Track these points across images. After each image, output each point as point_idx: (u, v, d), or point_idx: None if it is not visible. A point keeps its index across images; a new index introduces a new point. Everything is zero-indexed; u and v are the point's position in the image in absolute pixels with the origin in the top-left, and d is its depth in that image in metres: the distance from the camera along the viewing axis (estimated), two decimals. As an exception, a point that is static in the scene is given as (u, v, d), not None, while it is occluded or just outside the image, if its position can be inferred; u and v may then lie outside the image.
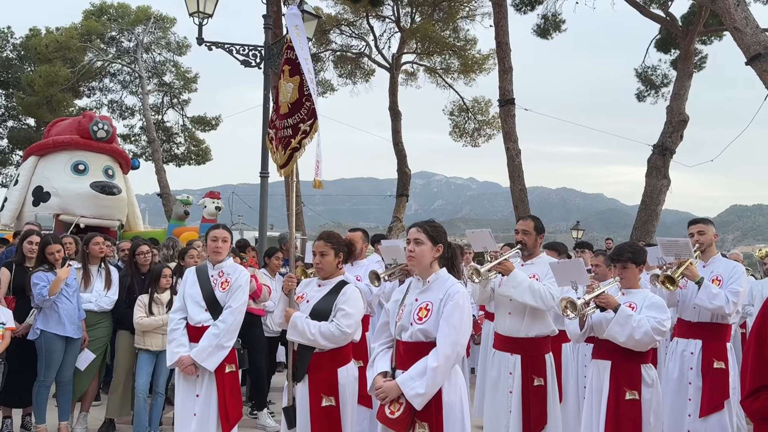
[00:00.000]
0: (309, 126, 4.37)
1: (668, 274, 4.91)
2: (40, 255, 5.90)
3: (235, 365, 4.75)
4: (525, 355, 4.70)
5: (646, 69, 23.52)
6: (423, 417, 3.28)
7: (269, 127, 4.80)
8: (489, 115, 28.31)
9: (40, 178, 14.64)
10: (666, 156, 18.10)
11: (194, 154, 31.55)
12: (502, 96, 17.47)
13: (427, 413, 3.28)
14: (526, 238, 4.91)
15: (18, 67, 30.11)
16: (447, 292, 3.40)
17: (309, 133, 4.36)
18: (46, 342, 5.77)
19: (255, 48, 8.50)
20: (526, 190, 17.36)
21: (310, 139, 4.39)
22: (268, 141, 4.78)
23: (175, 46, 30.90)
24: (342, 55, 28.12)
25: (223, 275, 4.77)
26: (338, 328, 3.93)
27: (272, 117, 4.77)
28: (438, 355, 3.28)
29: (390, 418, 3.32)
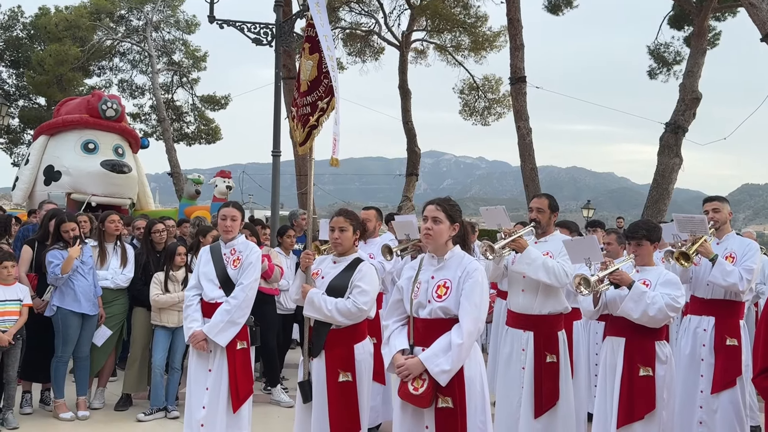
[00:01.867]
0: (326, 104, 4.36)
1: (683, 250, 4.90)
2: (56, 233, 5.96)
3: (247, 342, 4.80)
4: (538, 332, 4.72)
5: (659, 46, 23.27)
6: (446, 392, 3.34)
7: (292, 105, 4.79)
8: (499, 94, 28.12)
9: (50, 157, 14.69)
10: (678, 134, 17.97)
11: (204, 133, 31.56)
12: (513, 74, 17.38)
13: (450, 388, 3.34)
14: (540, 216, 4.91)
15: (28, 46, 30.11)
16: (465, 270, 3.44)
17: (326, 111, 4.36)
18: (62, 318, 5.85)
19: (266, 26, 8.45)
20: (537, 169, 17.31)
21: (327, 117, 4.39)
22: (291, 119, 4.78)
23: (184, 24, 30.77)
24: (351, 33, 27.93)
25: (235, 253, 4.80)
26: (354, 304, 3.97)
27: (295, 96, 4.76)
28: (462, 332, 3.33)
29: (413, 394, 3.36)
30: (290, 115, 4.86)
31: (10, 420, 5.66)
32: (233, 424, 4.64)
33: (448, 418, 3.34)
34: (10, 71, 31.36)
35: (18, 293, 5.70)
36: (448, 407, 3.34)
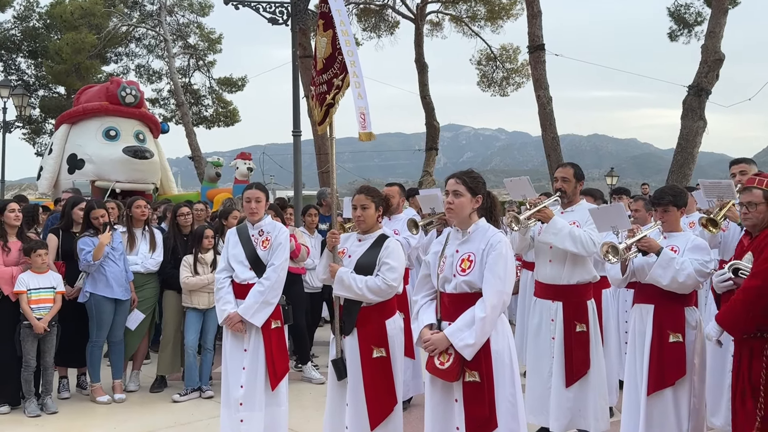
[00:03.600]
0: (342, 80, 4.33)
1: (710, 216, 4.85)
2: (86, 220, 6.05)
3: (281, 321, 4.86)
4: (567, 302, 4.72)
5: (679, 7, 22.78)
6: (473, 366, 3.35)
7: (311, 85, 4.77)
8: (518, 63, 27.77)
9: (73, 146, 14.85)
10: (702, 97, 17.64)
11: (223, 116, 31.63)
12: (531, 42, 17.15)
13: (476, 362, 3.34)
14: (566, 186, 4.88)
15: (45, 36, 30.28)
16: (489, 242, 3.42)
17: (342, 88, 4.33)
18: (95, 304, 5.97)
19: (282, 5, 8.42)
20: (558, 139, 17.15)
21: (342, 94, 4.35)
22: (310, 98, 4.76)
23: (198, 7, 30.71)
24: (365, 7, 27.69)
25: (263, 234, 4.84)
26: (384, 281, 3.98)
27: (313, 74, 4.73)
28: (485, 305, 3.32)
29: (440, 368, 3.39)
30: (309, 94, 4.83)
31: (49, 405, 5.81)
32: (272, 402, 4.72)
33: (475, 391, 3.35)
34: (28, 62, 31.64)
35: (51, 281, 5.82)
36: (475, 381, 3.35)
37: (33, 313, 5.64)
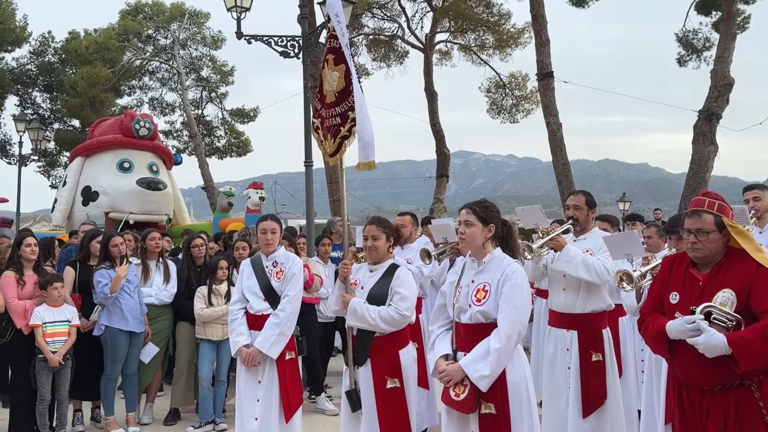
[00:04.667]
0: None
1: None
2: (103, 251, 6.09)
3: (295, 352, 4.85)
4: (582, 331, 4.68)
5: (687, 33, 22.91)
6: (488, 398, 3.32)
7: (314, 117, 4.84)
8: (527, 90, 27.93)
9: (87, 178, 14.99)
10: (712, 121, 17.64)
11: (235, 146, 31.95)
12: (540, 70, 17.25)
13: (492, 394, 3.31)
14: (578, 213, 4.87)
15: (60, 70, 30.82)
16: (504, 272, 3.41)
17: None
18: (110, 337, 5.98)
19: (293, 38, 8.54)
20: (569, 164, 17.15)
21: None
22: (314, 130, 4.82)
23: (211, 40, 31.24)
24: (375, 38, 28.02)
25: (277, 265, 4.85)
26: (397, 311, 3.99)
27: (317, 106, 4.80)
28: (500, 336, 3.30)
29: (455, 400, 3.36)
30: (312, 126, 4.89)
31: (65, 438, 5.79)
32: (287, 434, 4.69)
33: (492, 424, 3.31)
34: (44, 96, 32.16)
35: (66, 314, 5.84)
36: (491, 413, 3.31)
37: (48, 347, 5.66)
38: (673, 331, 3.05)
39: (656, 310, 3.32)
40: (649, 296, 3.46)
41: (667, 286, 3.30)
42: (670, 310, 3.22)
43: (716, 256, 3.16)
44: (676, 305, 3.19)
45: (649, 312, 3.35)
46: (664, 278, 3.36)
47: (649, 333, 3.25)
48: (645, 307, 3.42)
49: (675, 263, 3.37)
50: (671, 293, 3.25)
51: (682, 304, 3.17)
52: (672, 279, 3.31)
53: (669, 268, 3.38)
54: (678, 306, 3.18)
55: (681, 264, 3.33)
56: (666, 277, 3.35)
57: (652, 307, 3.35)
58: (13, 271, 5.82)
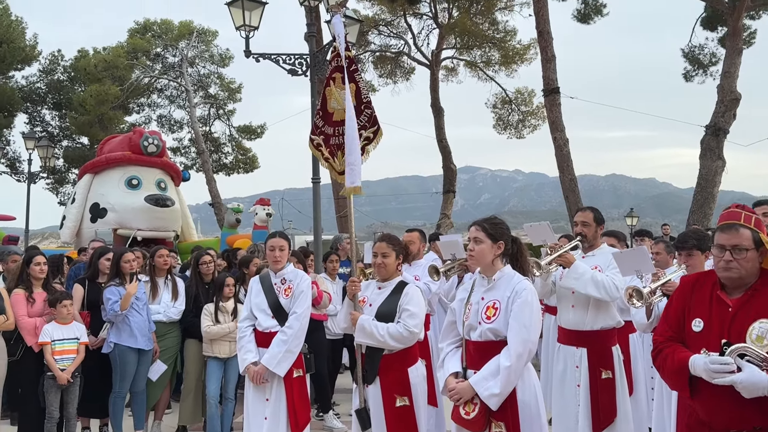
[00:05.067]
0: (372, 133, 4.44)
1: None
2: (114, 268, 6.11)
3: (302, 370, 4.84)
4: (591, 348, 4.66)
5: (693, 48, 22.96)
6: (499, 417, 3.30)
7: (312, 134, 4.86)
8: (533, 106, 28.02)
9: (96, 195, 15.06)
10: (719, 136, 17.64)
11: (242, 162, 32.11)
12: (546, 86, 17.29)
13: (502, 413, 3.29)
14: (586, 230, 4.86)
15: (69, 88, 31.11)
16: (514, 290, 3.40)
17: (372, 140, 4.43)
18: (119, 354, 5.98)
19: (301, 56, 8.61)
20: (576, 180, 17.14)
21: (374, 145, 4.46)
22: (313, 147, 4.83)
23: (218, 58, 31.51)
24: (381, 55, 28.19)
25: (286, 282, 4.86)
26: (405, 328, 3.98)
27: (318, 124, 4.82)
28: (510, 354, 3.28)
29: (465, 418, 3.34)
30: (312, 143, 4.89)
31: (72, 456, 5.78)
32: (293, 452, 4.67)
33: None
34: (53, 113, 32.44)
35: (75, 332, 5.85)
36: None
37: (57, 364, 5.67)
38: (700, 369, 2.65)
39: (673, 338, 2.92)
40: (664, 321, 3.03)
41: (688, 310, 2.90)
42: (692, 338, 2.85)
43: (751, 277, 2.77)
44: (700, 334, 2.81)
45: (665, 341, 2.94)
46: (683, 301, 2.96)
47: (668, 367, 2.85)
48: (659, 334, 3.01)
49: (697, 284, 2.97)
50: (694, 320, 2.86)
51: (707, 332, 2.79)
52: (694, 302, 2.90)
53: (690, 289, 2.97)
54: (702, 335, 2.80)
55: (704, 285, 2.92)
56: (685, 300, 2.94)
57: (668, 334, 2.94)
58: (22, 289, 5.84)
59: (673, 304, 3.04)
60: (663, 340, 2.95)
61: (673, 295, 3.08)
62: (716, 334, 2.74)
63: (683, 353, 2.79)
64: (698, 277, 3.03)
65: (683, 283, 3.08)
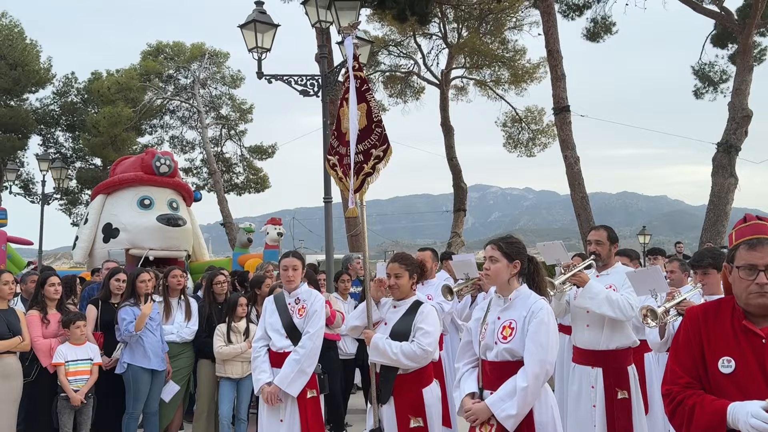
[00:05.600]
0: (382, 151, 4.46)
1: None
2: (129, 288, 6.13)
3: (316, 390, 4.82)
4: (607, 368, 4.62)
5: (703, 66, 22.98)
6: None
7: (329, 154, 4.89)
8: (543, 124, 28.09)
9: (108, 216, 15.15)
10: (731, 153, 17.58)
11: (253, 182, 32.32)
12: (556, 104, 17.30)
13: None
14: (600, 249, 4.83)
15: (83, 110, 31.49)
16: (530, 309, 3.37)
17: (383, 158, 4.45)
18: (133, 375, 5.99)
19: (312, 77, 8.69)
20: (588, 198, 17.08)
21: (385, 164, 4.48)
22: (329, 167, 4.86)
23: (230, 79, 31.83)
24: (391, 75, 28.38)
25: (300, 302, 4.85)
26: (419, 347, 3.96)
27: (333, 144, 4.85)
28: (527, 375, 3.25)
29: None
30: (328, 163, 4.92)
31: (85, 476, 5.76)
32: (307, 472, 4.64)
33: None
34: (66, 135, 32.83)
35: (89, 352, 5.87)
36: None
37: (70, 385, 5.68)
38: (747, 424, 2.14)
39: (691, 385, 2.42)
40: (674, 365, 2.51)
41: (707, 348, 2.43)
42: (721, 382, 2.36)
43: None
44: (733, 376, 2.33)
45: (681, 390, 2.43)
46: (696, 338, 2.47)
47: (697, 421, 2.31)
48: (671, 383, 2.49)
49: (709, 315, 2.49)
50: (720, 359, 2.37)
51: (743, 373, 2.31)
52: (712, 338, 2.43)
53: (701, 323, 2.49)
54: (736, 376, 2.33)
55: (720, 316, 2.46)
56: (699, 337, 2.47)
57: (684, 381, 2.44)
58: (37, 310, 5.88)
59: (681, 344, 2.53)
60: (678, 389, 2.44)
61: (679, 334, 2.59)
62: (756, 373, 2.30)
63: (714, 403, 2.30)
64: (707, 308, 2.56)
65: (690, 317, 2.58)
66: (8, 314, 5.58)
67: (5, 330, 5.46)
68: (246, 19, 8.66)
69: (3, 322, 5.48)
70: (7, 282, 5.62)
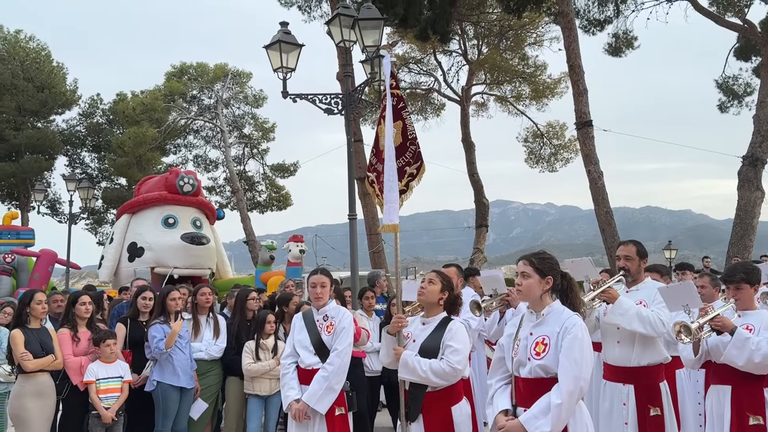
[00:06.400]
0: (416, 169, 4.48)
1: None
2: (160, 306, 6.20)
3: (345, 408, 4.81)
4: (638, 385, 4.56)
5: (727, 79, 22.80)
6: None
7: (368, 171, 4.93)
8: (565, 139, 27.97)
9: (133, 235, 15.36)
10: (757, 167, 17.39)
11: (275, 200, 32.55)
12: (578, 119, 17.22)
13: None
14: (629, 264, 4.79)
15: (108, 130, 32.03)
16: (564, 325, 3.34)
17: (416, 176, 4.47)
18: (162, 393, 6.02)
19: (336, 96, 8.77)
20: (612, 212, 16.92)
21: (417, 181, 4.50)
22: (368, 183, 4.89)
23: (253, 99, 32.19)
24: (412, 92, 28.49)
25: (328, 319, 4.86)
26: (449, 364, 3.94)
27: (372, 161, 4.89)
28: (561, 392, 3.22)
29: None
30: (367, 180, 4.96)
31: (116, 495, 5.80)
32: (336, 491, 4.62)
33: None
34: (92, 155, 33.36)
35: (119, 370, 5.92)
36: None
37: (101, 403, 5.73)
38: None
39: None
40: None
41: None
42: None
43: None
44: None
45: None
46: None
47: None
48: None
49: None
50: None
51: None
52: None
53: None
54: None
55: None
56: None
57: None
58: (68, 329, 5.95)
59: None
60: None
61: None
62: None
63: None
64: None
65: None
66: (41, 333, 5.67)
67: (38, 349, 5.56)
68: (271, 39, 8.76)
69: (36, 341, 5.58)
70: (40, 301, 5.72)
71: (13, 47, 30.36)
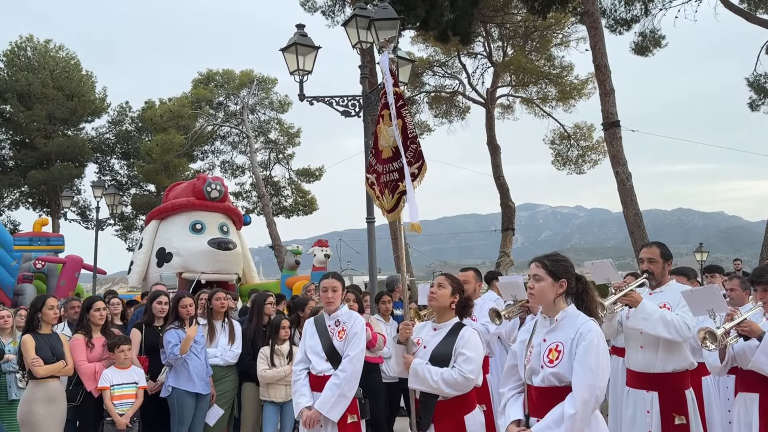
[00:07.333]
0: (417, 168, 4.35)
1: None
2: (174, 311, 6.16)
3: (357, 416, 4.70)
4: (663, 392, 4.38)
5: (758, 77, 22.23)
6: None
7: (368, 173, 4.82)
8: (593, 140, 27.57)
9: (162, 240, 15.46)
10: (792, 166, 16.89)
11: (301, 205, 32.68)
12: (605, 119, 16.91)
13: None
14: (653, 267, 4.61)
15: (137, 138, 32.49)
16: (578, 331, 3.17)
17: (418, 176, 4.34)
18: (177, 398, 5.97)
19: (354, 98, 8.68)
20: (641, 215, 16.57)
21: (419, 181, 4.37)
22: (368, 186, 4.79)
23: (278, 104, 32.38)
24: (436, 95, 28.36)
25: (340, 324, 4.76)
26: (461, 374, 3.79)
27: (371, 162, 4.78)
28: (575, 401, 3.06)
29: None
30: (367, 182, 4.84)
31: (129, 500, 5.76)
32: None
33: None
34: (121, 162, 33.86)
35: (134, 376, 5.89)
36: None
37: (116, 409, 5.69)
38: None
39: None
40: None
41: None
42: None
43: None
44: None
45: None
46: None
47: None
48: None
49: None
50: None
51: None
52: None
53: None
54: None
55: None
56: None
57: None
58: (82, 334, 5.94)
59: None
60: None
61: None
62: None
63: None
64: None
65: None
66: (52, 339, 5.67)
67: (49, 354, 5.55)
68: (287, 42, 8.72)
69: (47, 346, 5.57)
70: (52, 307, 5.71)
71: (43, 57, 30.95)
